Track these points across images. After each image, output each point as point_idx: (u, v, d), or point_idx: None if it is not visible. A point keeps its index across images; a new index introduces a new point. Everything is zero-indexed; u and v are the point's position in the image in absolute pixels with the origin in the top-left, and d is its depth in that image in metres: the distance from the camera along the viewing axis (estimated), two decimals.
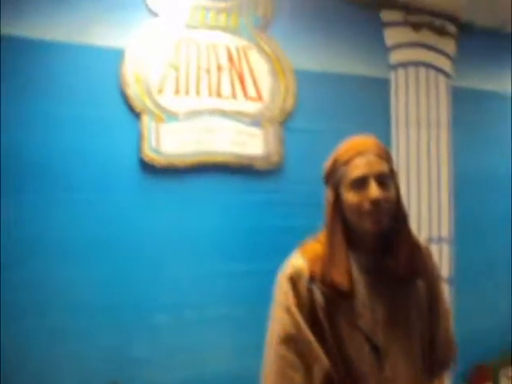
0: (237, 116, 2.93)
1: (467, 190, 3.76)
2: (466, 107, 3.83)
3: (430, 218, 3.59)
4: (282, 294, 1.66)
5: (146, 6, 2.79)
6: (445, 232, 3.64)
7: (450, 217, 3.68)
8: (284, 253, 3.01)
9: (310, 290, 1.62)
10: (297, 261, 1.69)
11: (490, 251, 3.89)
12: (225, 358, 2.89)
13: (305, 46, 3.20)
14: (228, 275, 2.92)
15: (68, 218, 2.60)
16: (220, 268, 2.90)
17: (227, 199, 2.93)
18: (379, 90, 3.48)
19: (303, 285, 1.63)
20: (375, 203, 1.56)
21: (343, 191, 1.62)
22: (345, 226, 1.64)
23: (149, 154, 2.72)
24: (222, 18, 2.95)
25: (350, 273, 1.60)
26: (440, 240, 3.62)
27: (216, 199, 2.91)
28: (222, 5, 2.95)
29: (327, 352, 1.57)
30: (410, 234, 1.70)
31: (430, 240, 3.56)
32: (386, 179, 1.61)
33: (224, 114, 2.91)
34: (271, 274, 2.98)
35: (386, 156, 1.66)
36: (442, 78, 3.70)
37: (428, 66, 3.63)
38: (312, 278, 1.62)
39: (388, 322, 1.63)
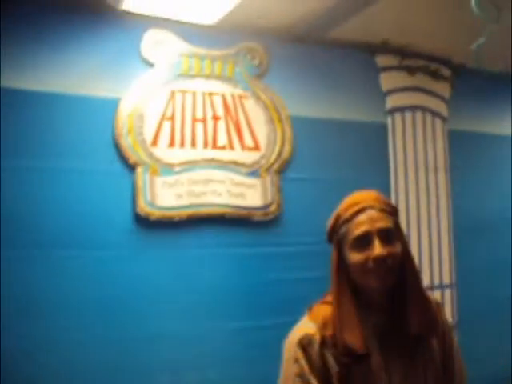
0: (234, 166, 2.88)
1: (468, 234, 3.73)
2: (464, 150, 3.84)
3: (431, 265, 3.54)
4: (292, 362, 1.57)
5: (142, 56, 2.74)
6: (446, 279, 3.59)
7: (451, 263, 3.63)
8: (286, 307, 2.94)
9: (322, 356, 1.54)
10: (306, 325, 1.62)
11: (493, 295, 3.85)
12: None
13: (301, 92, 3.18)
14: (227, 332, 2.84)
15: (63, 274, 2.52)
16: (219, 325, 2.82)
17: (225, 252, 2.87)
18: (377, 135, 3.46)
19: (315, 350, 1.55)
20: (379, 261, 1.51)
21: (347, 250, 1.57)
22: (352, 285, 1.59)
23: (144, 208, 2.64)
24: (218, 67, 2.91)
25: (363, 335, 1.53)
26: (442, 287, 3.55)
27: (213, 253, 2.84)
28: (218, 53, 2.92)
29: None
30: (421, 290, 1.65)
31: (432, 287, 3.49)
32: (391, 234, 1.56)
33: (220, 164, 2.85)
34: (272, 329, 2.90)
35: (389, 210, 1.62)
36: (438, 122, 3.69)
37: (424, 109, 3.62)
38: (323, 343, 1.55)
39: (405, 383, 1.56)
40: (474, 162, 3.91)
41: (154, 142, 2.71)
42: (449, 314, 3.57)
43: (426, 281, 3.48)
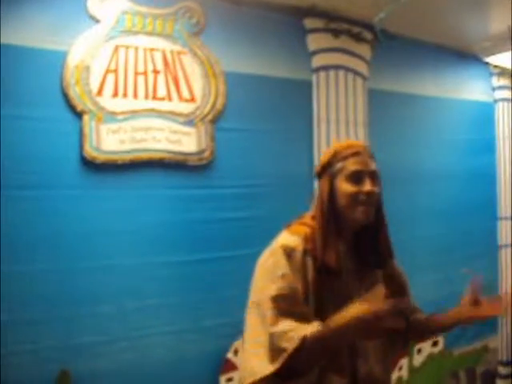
0: (171, 116, 3.14)
1: (386, 185, 4.07)
2: (383, 107, 4.15)
3: None
4: (271, 265, 1.82)
5: (88, 12, 2.93)
6: None
7: None
8: (216, 243, 3.28)
9: (303, 264, 1.82)
10: (288, 237, 1.88)
11: (402, 238, 4.23)
12: (164, 343, 3.07)
13: (235, 50, 3.41)
14: (166, 266, 3.08)
15: (15, 215, 2.69)
16: (159, 259, 3.06)
17: (163, 194, 3.11)
18: (302, 91, 3.72)
19: (297, 258, 1.82)
20: (369, 195, 1.85)
21: (340, 182, 1.88)
22: (336, 214, 1.89)
23: (90, 152, 2.88)
24: (159, 25, 3.13)
25: (340, 256, 1.86)
26: None
27: (153, 194, 3.08)
28: (159, 11, 3.14)
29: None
30: (387, 227, 1.99)
31: None
32: (376, 177, 1.91)
33: (160, 114, 3.11)
34: (207, 263, 3.24)
35: (374, 159, 1.96)
36: (359, 81, 3.98)
37: (347, 69, 3.89)
38: (305, 253, 1.83)
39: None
40: (391, 118, 4.23)
41: (99, 93, 2.94)
42: None
43: None
